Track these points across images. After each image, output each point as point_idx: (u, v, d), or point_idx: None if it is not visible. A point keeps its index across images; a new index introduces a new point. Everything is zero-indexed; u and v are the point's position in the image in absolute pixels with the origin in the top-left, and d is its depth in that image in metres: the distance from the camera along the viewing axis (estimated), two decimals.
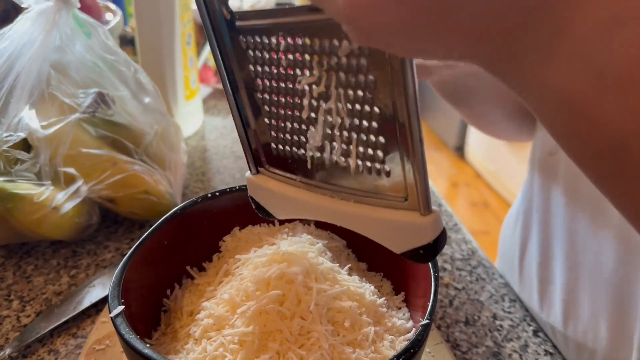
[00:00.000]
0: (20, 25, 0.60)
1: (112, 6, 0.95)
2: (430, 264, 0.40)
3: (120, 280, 0.38)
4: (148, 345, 0.33)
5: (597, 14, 0.20)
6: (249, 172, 0.39)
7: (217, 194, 0.48)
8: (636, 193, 0.22)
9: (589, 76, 0.21)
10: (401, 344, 0.39)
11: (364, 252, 0.50)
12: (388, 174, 0.30)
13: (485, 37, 0.22)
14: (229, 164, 0.86)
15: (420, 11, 0.21)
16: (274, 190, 0.37)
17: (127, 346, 0.33)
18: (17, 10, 0.68)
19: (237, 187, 0.49)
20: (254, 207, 0.40)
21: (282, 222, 0.50)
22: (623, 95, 0.20)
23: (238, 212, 0.49)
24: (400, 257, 0.45)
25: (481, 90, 0.57)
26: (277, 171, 0.37)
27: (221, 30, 0.33)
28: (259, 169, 0.38)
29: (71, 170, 0.58)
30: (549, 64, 0.21)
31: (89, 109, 0.60)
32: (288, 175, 0.36)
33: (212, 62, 1.22)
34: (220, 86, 1.17)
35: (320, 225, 0.50)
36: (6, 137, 0.55)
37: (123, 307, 0.36)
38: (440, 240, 0.31)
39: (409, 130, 0.27)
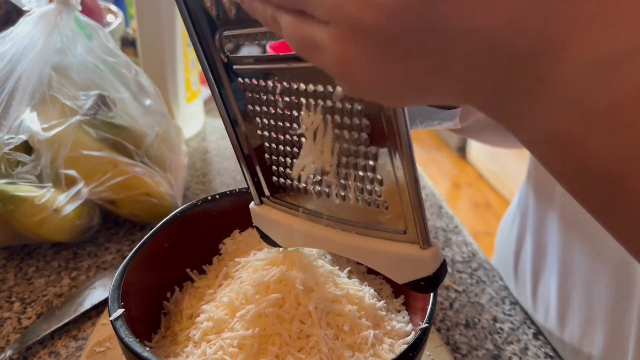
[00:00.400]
0: (21, 28, 0.60)
1: (114, 8, 0.96)
2: None
3: (120, 283, 0.38)
4: (148, 348, 0.33)
5: (580, 60, 0.21)
6: (252, 202, 0.40)
7: (218, 196, 0.49)
8: (628, 224, 0.23)
9: (577, 119, 0.21)
10: (400, 347, 0.39)
11: None
12: (387, 207, 0.31)
13: (472, 93, 0.23)
14: (229, 165, 0.86)
15: (408, 73, 0.22)
16: (277, 220, 0.38)
17: (127, 349, 0.33)
18: (19, 13, 0.69)
19: (238, 190, 0.49)
20: (259, 235, 0.41)
21: None
22: (608, 137, 0.21)
23: (238, 214, 0.49)
24: None
25: (487, 131, 0.57)
26: (279, 202, 0.38)
27: (220, 73, 0.34)
28: (262, 199, 0.39)
29: (72, 172, 0.58)
30: (537, 108, 0.22)
31: (90, 111, 0.60)
32: (290, 206, 0.37)
33: None
34: None
35: None
36: (7, 139, 0.55)
37: (123, 310, 0.36)
38: (440, 272, 0.32)
39: (405, 171, 0.28)
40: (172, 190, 0.66)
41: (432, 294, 0.38)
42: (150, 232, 0.43)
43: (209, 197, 0.48)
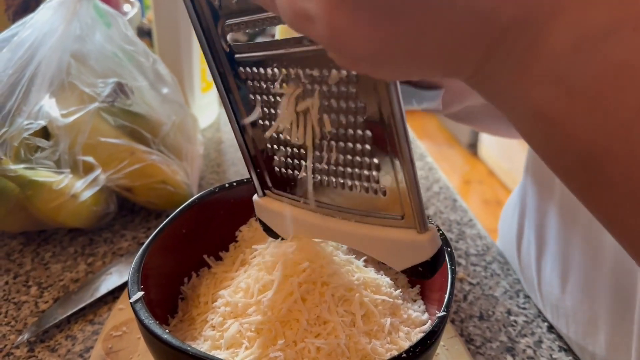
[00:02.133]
0: (41, 15, 0.61)
1: None
2: (447, 256, 0.40)
3: (139, 266, 0.38)
4: (167, 331, 0.33)
5: (564, 33, 0.21)
6: (256, 195, 0.40)
7: (235, 184, 0.49)
8: (608, 203, 0.23)
9: (560, 94, 0.22)
10: (417, 335, 0.39)
11: None
12: (384, 193, 0.31)
13: (460, 61, 0.23)
14: None
15: (395, 38, 0.22)
16: (279, 211, 0.39)
17: (147, 331, 0.33)
18: (38, 0, 0.69)
19: None
20: (262, 228, 0.42)
21: None
22: (591, 112, 0.21)
23: None
24: None
25: (480, 113, 0.57)
26: (281, 193, 0.38)
27: (222, 63, 0.34)
28: (265, 191, 0.40)
29: (90, 159, 0.59)
30: (522, 83, 0.22)
31: (108, 99, 0.61)
32: (292, 197, 0.38)
33: None
34: None
35: None
36: (27, 124, 0.56)
37: (142, 292, 0.36)
38: (438, 257, 0.32)
39: (400, 151, 0.28)
40: (188, 179, 0.66)
41: (449, 284, 0.38)
42: (169, 217, 0.44)
43: (226, 185, 0.48)
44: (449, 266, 0.39)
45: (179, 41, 0.82)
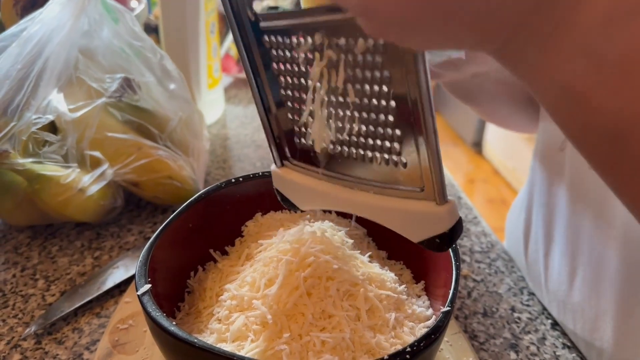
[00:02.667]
0: (49, 10, 0.61)
1: None
2: (451, 252, 0.40)
3: (147, 259, 0.39)
4: (174, 323, 0.34)
5: (599, 7, 0.21)
6: (274, 165, 0.40)
7: (241, 179, 0.49)
8: (635, 181, 0.23)
9: (589, 68, 0.22)
10: (421, 330, 0.39)
11: (384, 241, 0.50)
12: (405, 165, 0.31)
13: (492, 31, 0.23)
14: (249, 152, 0.86)
15: (427, 3, 0.22)
16: (297, 182, 0.38)
17: (154, 323, 0.34)
18: None
19: (260, 174, 0.50)
20: (279, 199, 0.41)
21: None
22: (619, 86, 0.21)
23: (260, 197, 0.50)
24: (420, 247, 0.46)
25: (488, 89, 0.58)
26: (300, 164, 0.38)
27: (246, 30, 0.34)
28: (284, 162, 0.39)
29: (97, 153, 0.59)
30: (551, 56, 0.23)
31: (115, 94, 0.61)
32: (310, 167, 0.37)
33: (233, 52, 1.22)
34: (241, 75, 1.18)
35: (341, 213, 0.51)
36: (35, 119, 0.56)
37: (150, 285, 0.36)
38: (456, 229, 0.32)
39: (423, 122, 0.28)
40: (194, 174, 0.67)
41: (454, 279, 0.38)
42: (176, 211, 0.44)
43: (233, 180, 0.49)
44: (453, 262, 0.39)
45: (186, 38, 0.82)
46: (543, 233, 0.56)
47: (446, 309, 0.36)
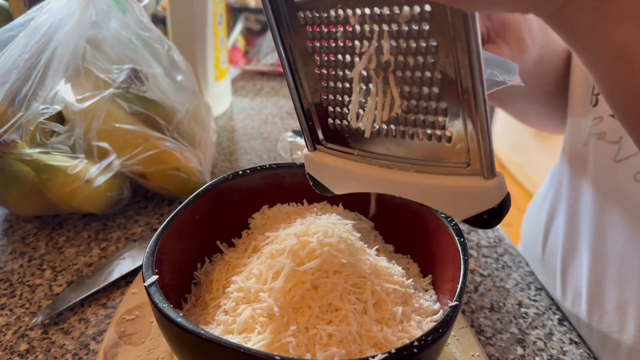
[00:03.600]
0: (57, 0, 0.61)
1: None
2: (460, 246, 0.40)
3: (154, 250, 0.39)
4: (180, 314, 0.34)
5: None
6: (306, 149, 0.39)
7: (248, 171, 0.49)
8: None
9: (638, 31, 0.22)
10: (428, 324, 0.39)
11: (391, 235, 0.50)
12: (449, 139, 0.30)
13: None
14: (256, 144, 0.86)
15: None
16: (331, 165, 0.37)
17: (160, 314, 0.34)
18: None
19: (267, 166, 0.50)
20: (311, 184, 0.40)
21: (310, 201, 0.51)
22: None
23: (267, 190, 0.50)
24: (428, 241, 0.46)
25: (519, 91, 0.57)
26: (334, 146, 0.37)
27: (279, 6, 0.33)
28: (316, 145, 0.38)
29: (104, 144, 0.59)
30: (605, 22, 0.23)
31: (123, 85, 0.61)
32: (345, 149, 0.36)
33: (241, 44, 1.22)
34: (248, 67, 1.18)
35: (349, 206, 0.51)
36: (43, 109, 0.56)
37: (157, 276, 0.36)
38: (505, 204, 0.30)
39: (473, 91, 0.27)
40: (201, 166, 0.67)
41: (462, 274, 0.38)
42: (183, 203, 0.44)
43: (240, 172, 0.49)
44: (461, 256, 0.39)
45: (194, 29, 0.82)
46: (565, 224, 0.56)
47: (454, 303, 0.35)
